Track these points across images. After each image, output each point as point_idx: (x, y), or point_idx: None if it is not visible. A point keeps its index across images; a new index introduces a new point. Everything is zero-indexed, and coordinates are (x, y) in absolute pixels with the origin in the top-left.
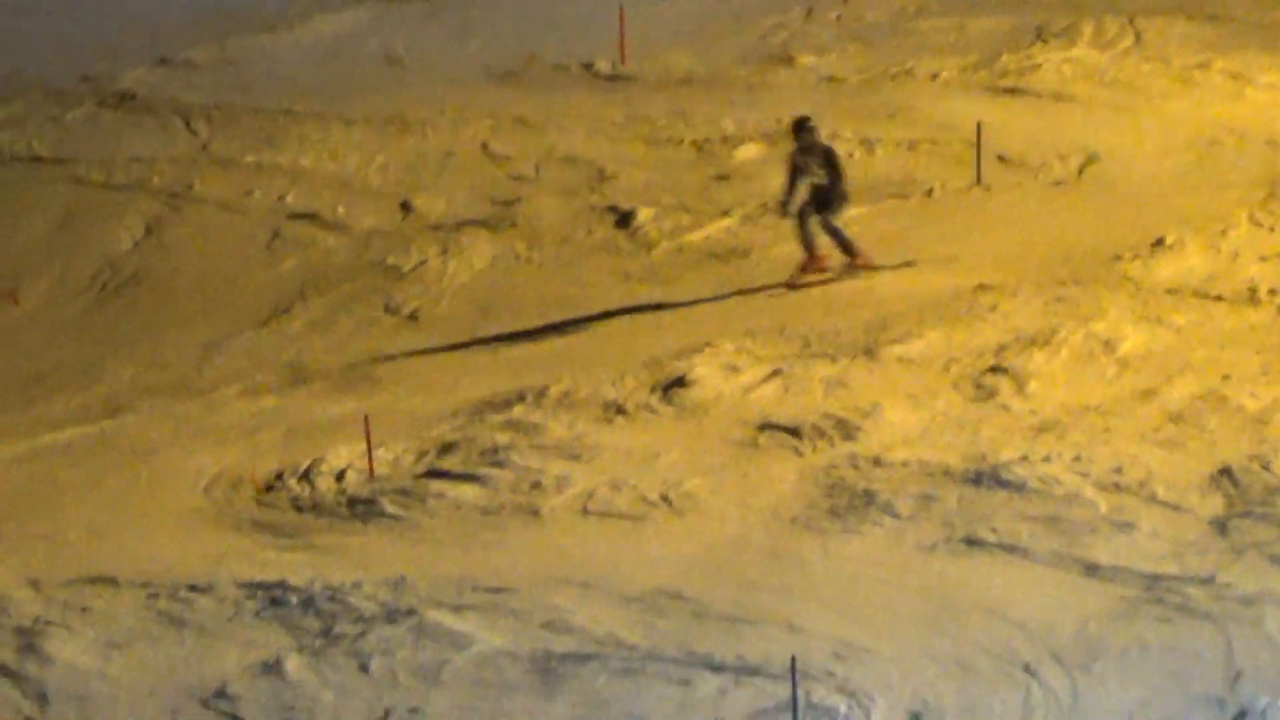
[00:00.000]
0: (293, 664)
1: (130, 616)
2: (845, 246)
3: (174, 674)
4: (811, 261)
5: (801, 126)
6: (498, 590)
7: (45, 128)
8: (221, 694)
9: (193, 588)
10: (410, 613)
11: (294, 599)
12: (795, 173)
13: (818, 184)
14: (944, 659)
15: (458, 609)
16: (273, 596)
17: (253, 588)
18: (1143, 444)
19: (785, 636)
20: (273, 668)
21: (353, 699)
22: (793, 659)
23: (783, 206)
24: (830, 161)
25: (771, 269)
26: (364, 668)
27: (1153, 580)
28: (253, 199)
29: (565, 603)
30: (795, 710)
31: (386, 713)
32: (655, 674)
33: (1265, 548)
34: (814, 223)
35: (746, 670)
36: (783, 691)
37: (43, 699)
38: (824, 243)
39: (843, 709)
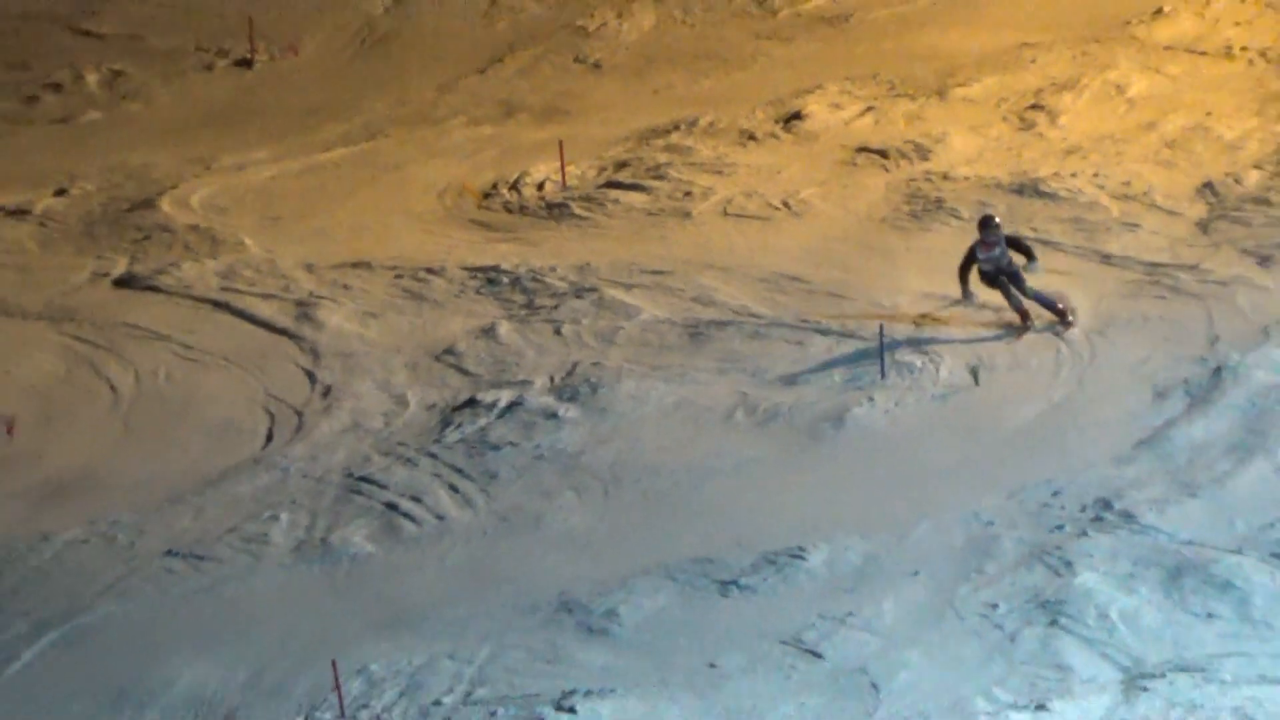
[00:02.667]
0: (504, 329)
1: (382, 292)
2: (1049, 306)
3: (414, 336)
4: (1024, 319)
5: (989, 223)
6: (658, 273)
7: None
8: (450, 351)
9: (429, 270)
10: (592, 289)
11: (505, 279)
12: (970, 263)
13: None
14: (995, 327)
15: (628, 287)
16: (489, 277)
17: (473, 270)
18: (1146, 163)
19: (876, 309)
20: (488, 331)
21: (548, 355)
22: (880, 325)
23: (964, 294)
24: (1017, 245)
25: (869, 30)
26: (557, 331)
27: (1152, 267)
28: None
29: (710, 282)
30: (882, 365)
31: (574, 365)
32: (777, 336)
33: (1238, 242)
34: (1014, 291)
35: (846, 334)
36: (873, 351)
37: (316, 354)
38: (1031, 306)
39: (919, 364)
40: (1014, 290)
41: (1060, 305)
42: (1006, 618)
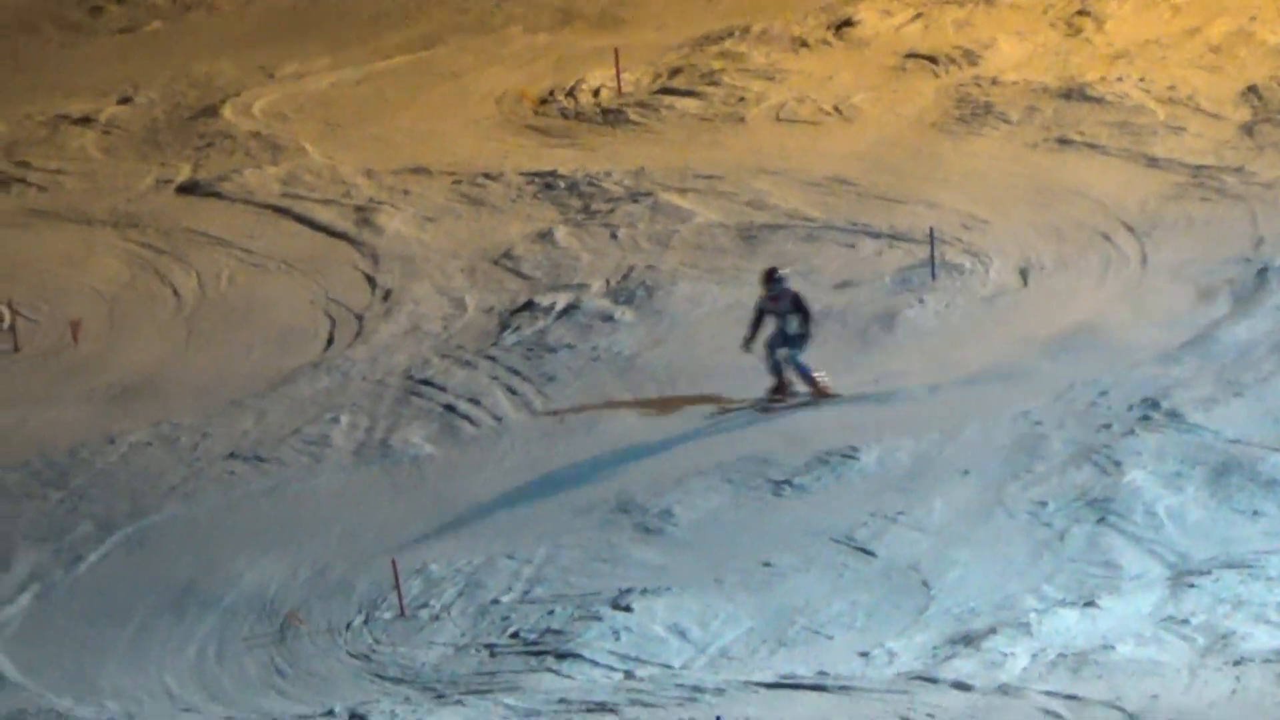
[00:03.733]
0: (560, 233)
1: (440, 197)
2: (809, 380)
3: (472, 240)
4: (781, 389)
5: (772, 276)
6: (712, 177)
7: None
8: (507, 255)
9: (486, 175)
10: (648, 194)
11: (562, 184)
12: (761, 315)
13: (787, 328)
14: (1043, 228)
15: (683, 191)
16: (546, 182)
17: (531, 175)
18: (1190, 68)
19: (926, 211)
20: (545, 236)
21: (604, 258)
22: (930, 229)
23: (745, 344)
24: (799, 307)
25: None
26: (613, 235)
27: (1197, 169)
28: None
29: (762, 186)
30: (933, 266)
31: (630, 268)
32: (829, 239)
33: None
34: (781, 355)
35: (897, 236)
36: (923, 252)
37: (375, 259)
38: (790, 376)
39: (968, 265)
40: (780, 354)
41: (819, 379)
42: (1055, 516)
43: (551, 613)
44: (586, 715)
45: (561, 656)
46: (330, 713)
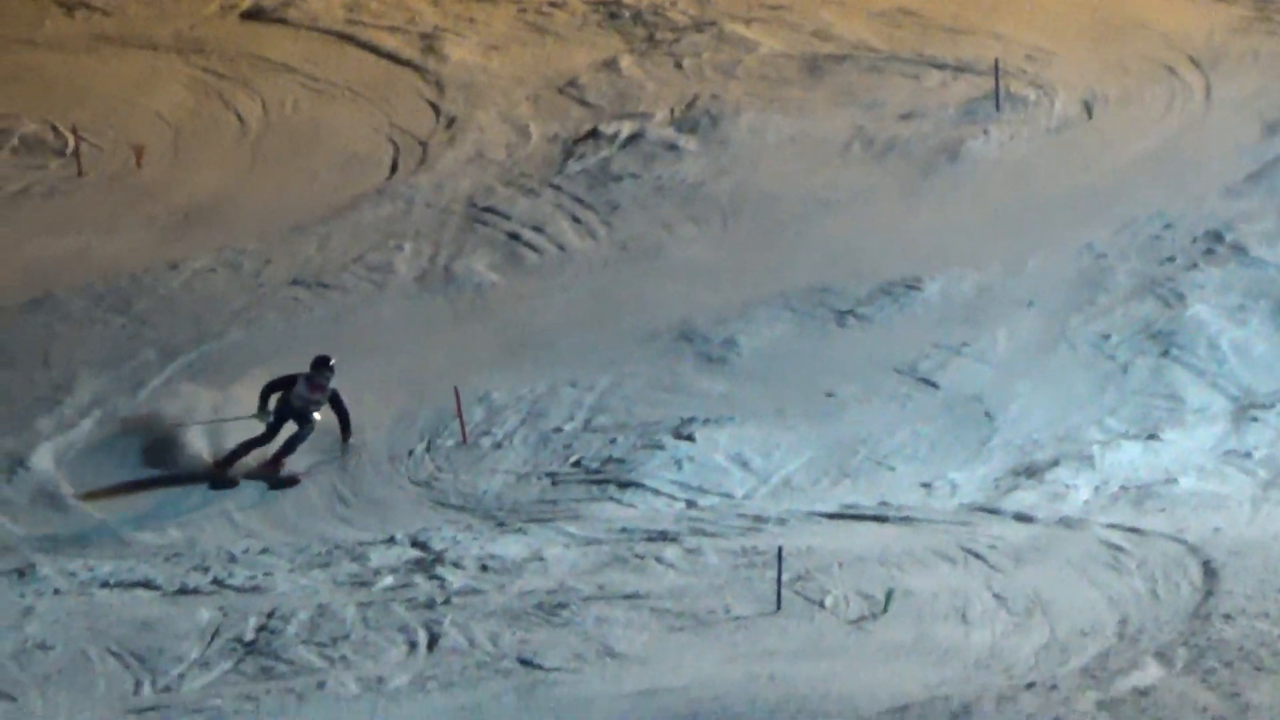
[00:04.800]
0: (625, 61)
1: (505, 25)
2: (283, 453)
3: (537, 68)
4: (229, 462)
5: (323, 364)
6: (777, 7)
7: None
8: (572, 83)
9: (551, 4)
10: (712, 23)
11: (626, 13)
12: (287, 386)
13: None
14: (1108, 61)
15: (748, 21)
16: (610, 11)
17: (596, 4)
18: None
19: (991, 43)
20: (610, 64)
21: (668, 88)
22: (995, 60)
23: (260, 415)
24: (336, 407)
25: None
26: (678, 65)
27: (1263, 3)
28: None
29: (828, 16)
30: (997, 98)
31: (694, 97)
32: (893, 70)
33: None
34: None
35: (961, 68)
36: (988, 85)
37: (440, 86)
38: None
39: (1032, 97)
40: (292, 437)
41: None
42: (1118, 348)
43: (614, 441)
44: (648, 544)
45: (623, 485)
46: (392, 539)
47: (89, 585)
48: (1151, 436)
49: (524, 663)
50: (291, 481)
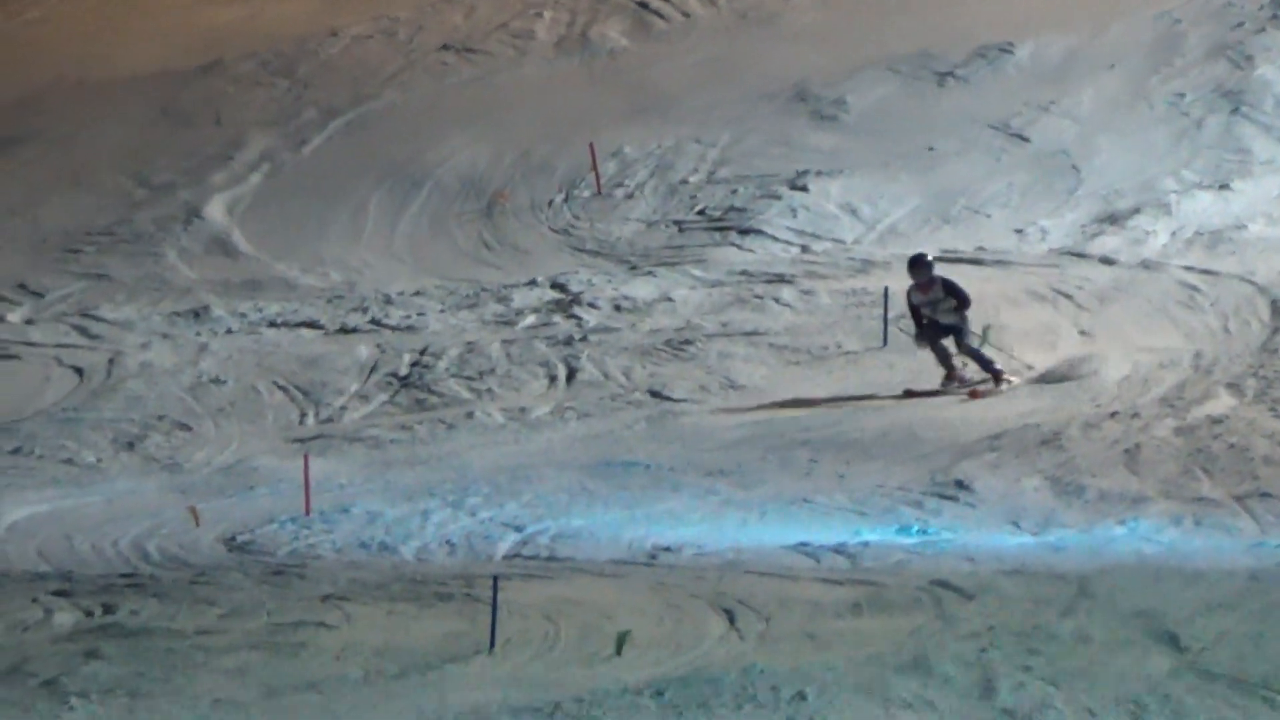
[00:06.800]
0: None
1: None
2: (984, 364)
3: None
4: (951, 377)
5: (917, 263)
6: None
7: None
8: None
9: None
10: None
11: None
12: (917, 310)
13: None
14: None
15: None
16: None
17: None
18: None
19: None
20: None
21: None
22: None
23: (917, 341)
24: (952, 291)
25: None
26: None
27: None
28: None
29: None
30: None
31: None
32: None
33: None
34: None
35: None
36: None
37: None
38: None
39: None
40: (946, 343)
41: (996, 365)
42: (1192, 106)
43: (735, 192)
44: (766, 286)
45: (744, 232)
46: (533, 282)
47: (258, 325)
48: (1223, 186)
49: (653, 394)
50: (996, 381)
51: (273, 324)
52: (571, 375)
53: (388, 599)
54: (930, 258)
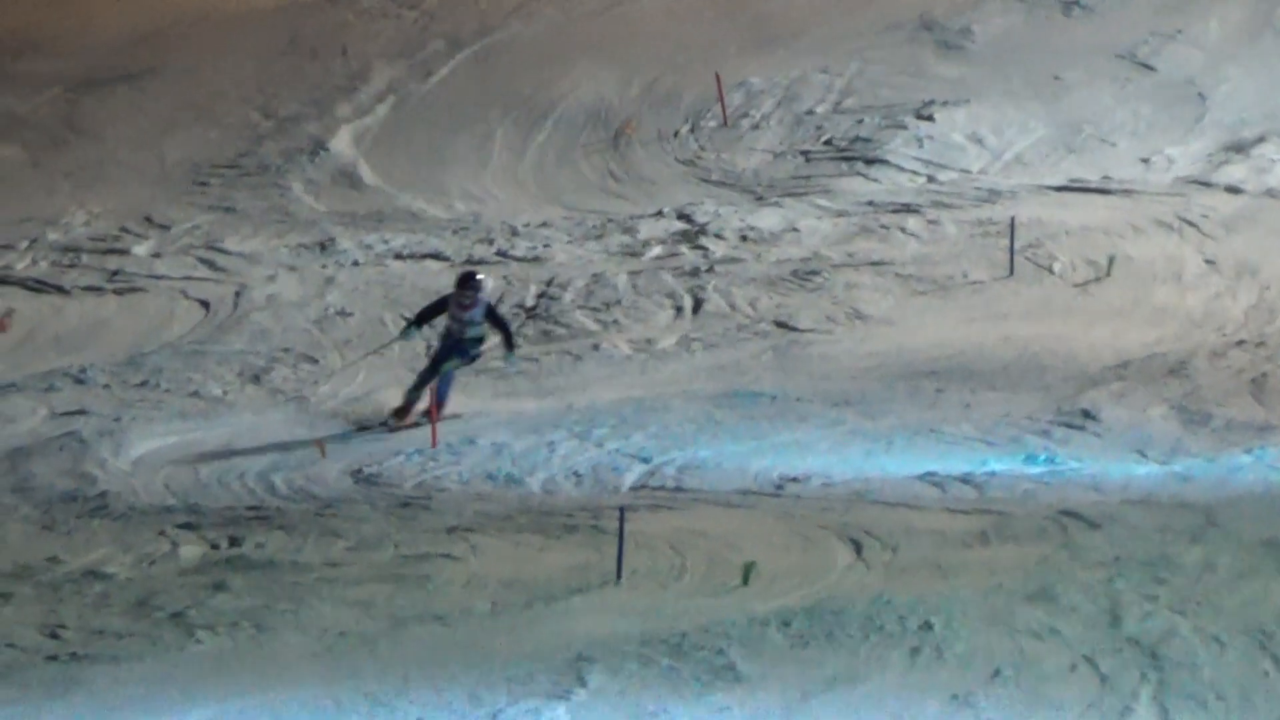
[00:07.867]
0: None
1: None
2: (441, 402)
3: None
4: (401, 414)
5: (467, 282)
6: None
7: None
8: None
9: None
10: None
11: None
12: (437, 312)
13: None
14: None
15: None
16: None
17: None
18: None
19: None
20: None
21: None
22: None
23: (403, 334)
24: (497, 324)
25: None
26: None
27: None
28: None
29: None
30: None
31: None
32: None
33: None
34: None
35: None
36: None
37: None
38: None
39: None
40: (429, 373)
41: (444, 414)
42: None
43: (861, 122)
44: (892, 215)
45: (870, 162)
46: (659, 213)
47: (384, 257)
48: None
49: (780, 324)
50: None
51: (398, 256)
52: (698, 306)
53: (514, 531)
54: (480, 278)
